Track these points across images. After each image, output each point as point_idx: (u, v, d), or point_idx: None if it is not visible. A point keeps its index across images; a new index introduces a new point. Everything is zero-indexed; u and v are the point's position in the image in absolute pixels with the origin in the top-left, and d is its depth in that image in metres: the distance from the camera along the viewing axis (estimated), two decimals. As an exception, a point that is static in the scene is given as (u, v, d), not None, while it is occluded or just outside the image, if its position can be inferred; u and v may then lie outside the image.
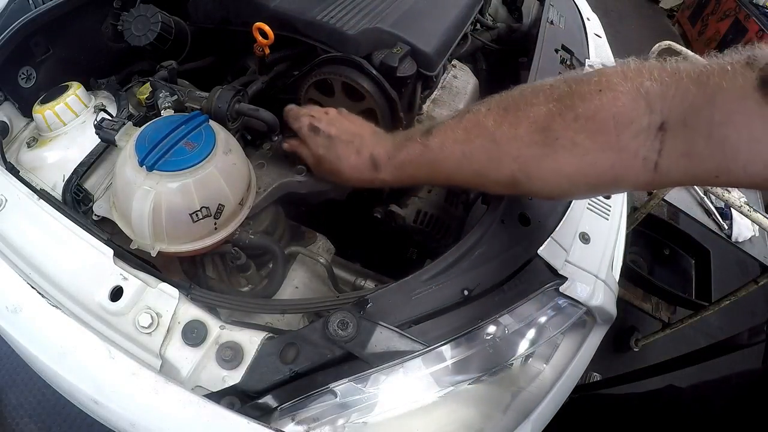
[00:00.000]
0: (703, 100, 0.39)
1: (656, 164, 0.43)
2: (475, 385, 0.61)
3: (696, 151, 0.41)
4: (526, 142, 0.49)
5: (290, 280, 0.76)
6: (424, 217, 0.85)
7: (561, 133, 0.47)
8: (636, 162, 0.44)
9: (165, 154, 0.58)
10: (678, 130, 0.41)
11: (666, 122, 0.42)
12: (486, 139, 0.52)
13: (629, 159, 0.44)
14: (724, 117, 0.38)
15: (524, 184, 0.52)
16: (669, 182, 0.45)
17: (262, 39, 0.76)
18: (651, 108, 0.42)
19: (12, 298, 0.56)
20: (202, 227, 0.61)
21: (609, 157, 0.45)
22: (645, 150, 0.43)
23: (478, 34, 1.16)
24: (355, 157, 0.63)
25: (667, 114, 0.42)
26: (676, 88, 0.41)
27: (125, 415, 0.51)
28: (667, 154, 0.42)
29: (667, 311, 1.80)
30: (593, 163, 0.46)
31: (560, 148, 0.47)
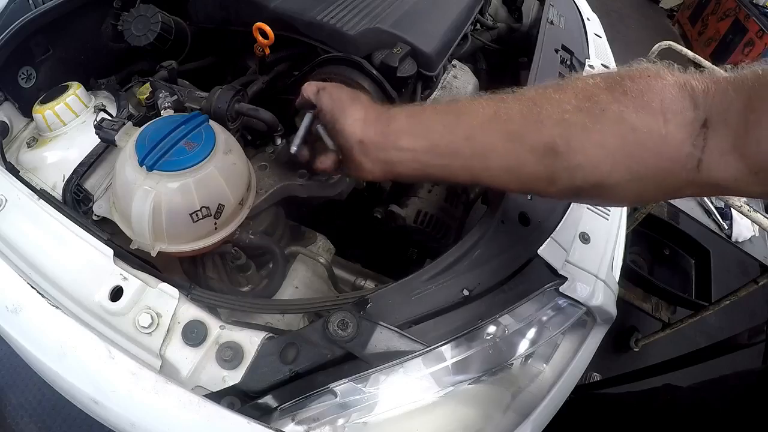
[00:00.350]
0: (740, 102, 0.40)
1: (699, 161, 0.42)
2: (475, 385, 0.61)
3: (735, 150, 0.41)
4: (572, 107, 0.46)
5: (290, 280, 0.76)
6: (424, 218, 0.85)
7: (608, 105, 0.44)
8: (680, 154, 0.42)
9: (165, 154, 0.58)
10: (720, 128, 0.41)
11: (709, 120, 0.42)
12: (525, 103, 0.49)
13: (675, 149, 0.43)
14: (757, 118, 0.39)
15: (563, 156, 0.46)
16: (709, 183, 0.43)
17: (263, 39, 0.76)
18: (695, 104, 0.42)
19: (12, 298, 0.56)
20: (202, 227, 0.61)
21: (655, 142, 0.43)
22: (689, 144, 0.42)
23: (478, 34, 1.16)
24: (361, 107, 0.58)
25: (709, 112, 0.42)
26: (716, 89, 0.42)
27: (125, 415, 0.51)
28: (709, 152, 0.42)
29: (667, 311, 1.80)
30: (640, 143, 0.43)
31: (606, 121, 0.44)
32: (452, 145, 0.52)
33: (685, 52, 1.79)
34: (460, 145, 0.51)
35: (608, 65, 1.11)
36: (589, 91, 0.46)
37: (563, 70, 0.98)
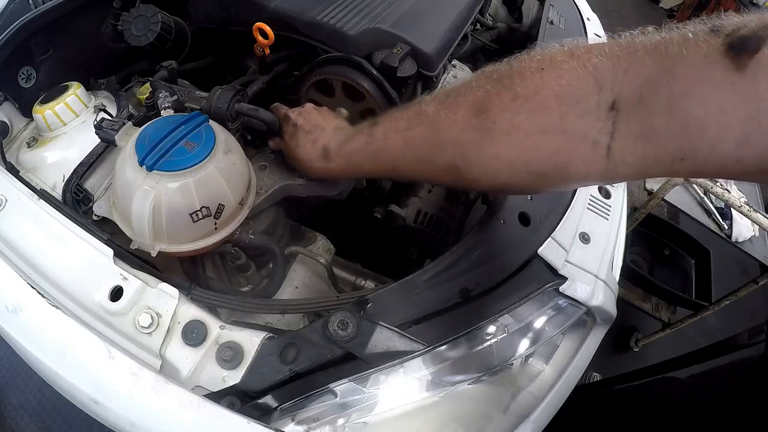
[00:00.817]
0: (661, 73, 0.35)
1: (609, 148, 0.38)
2: (475, 385, 0.61)
3: (654, 131, 0.35)
4: (463, 127, 0.46)
5: (290, 280, 0.76)
6: (424, 217, 0.85)
7: (499, 115, 0.43)
8: (584, 146, 0.39)
9: (165, 154, 0.58)
10: (632, 108, 0.36)
11: (618, 100, 0.37)
12: (426, 126, 0.51)
13: (576, 143, 0.39)
14: (685, 89, 0.33)
15: (465, 172, 0.48)
16: (625, 170, 0.39)
17: (263, 39, 0.76)
18: (600, 85, 0.38)
19: (12, 298, 0.56)
20: (203, 227, 0.61)
21: (552, 141, 0.40)
22: (595, 133, 0.38)
23: (478, 34, 1.16)
24: (311, 146, 0.66)
25: (619, 91, 0.37)
26: (629, 62, 0.37)
27: (125, 415, 0.51)
28: (620, 136, 0.37)
29: (667, 311, 1.80)
30: (535, 147, 0.41)
31: (498, 132, 0.43)
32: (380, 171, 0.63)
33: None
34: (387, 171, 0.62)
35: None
36: (480, 104, 0.45)
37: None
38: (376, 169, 0.62)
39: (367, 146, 0.59)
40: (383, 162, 0.58)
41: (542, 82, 0.41)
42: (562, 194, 0.75)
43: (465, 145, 0.47)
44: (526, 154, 0.43)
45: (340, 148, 0.63)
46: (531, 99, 0.41)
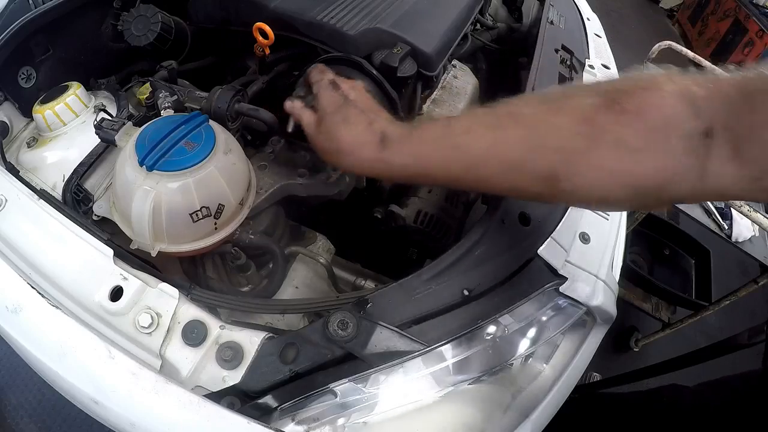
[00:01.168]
0: (745, 105, 0.39)
1: (704, 170, 0.41)
2: (475, 385, 0.61)
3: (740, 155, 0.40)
4: (569, 134, 0.45)
5: (290, 280, 0.76)
6: (424, 218, 0.85)
7: (608, 126, 0.43)
8: (682, 167, 0.42)
9: (165, 154, 0.58)
10: (723, 135, 0.40)
11: (712, 127, 0.40)
12: (523, 128, 0.47)
13: (677, 162, 0.42)
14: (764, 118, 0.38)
15: (563, 181, 0.46)
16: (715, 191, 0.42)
17: (263, 39, 0.76)
18: (697, 113, 0.41)
19: (12, 298, 0.56)
20: (203, 227, 0.61)
21: (656, 159, 0.42)
22: (692, 156, 0.41)
23: (478, 34, 1.16)
24: (364, 127, 0.55)
25: (712, 119, 0.40)
26: (718, 93, 0.41)
27: (125, 415, 0.51)
28: (714, 160, 0.41)
29: (667, 311, 1.80)
30: (639, 162, 0.43)
31: (605, 143, 0.44)
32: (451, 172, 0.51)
33: (685, 52, 1.79)
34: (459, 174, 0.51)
35: (608, 65, 1.11)
36: (587, 113, 0.45)
37: (563, 70, 0.98)
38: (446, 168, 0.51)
39: (443, 138, 0.50)
40: (459, 161, 0.50)
41: (648, 101, 0.42)
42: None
43: (570, 153, 0.45)
44: (631, 168, 0.43)
45: (405, 137, 0.53)
46: (638, 116, 0.42)
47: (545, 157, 0.46)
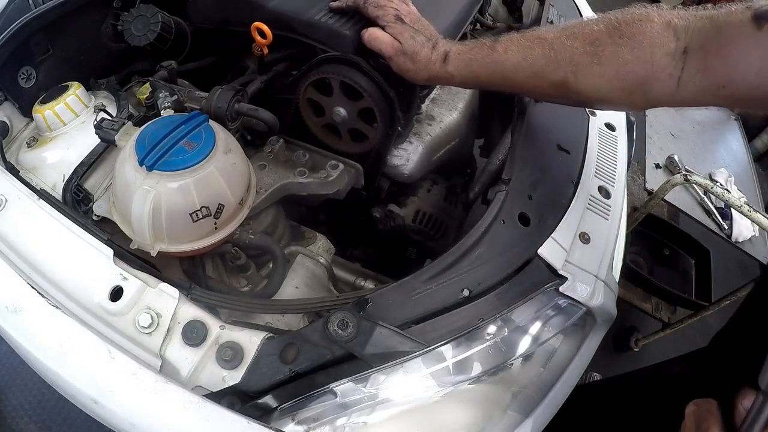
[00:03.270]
0: (714, 31, 0.53)
1: (679, 79, 0.56)
2: (475, 385, 0.61)
3: (708, 67, 0.54)
4: (579, 51, 0.61)
5: (290, 280, 0.76)
6: (423, 217, 0.85)
7: (608, 47, 0.59)
8: (663, 75, 0.57)
9: (165, 154, 0.58)
10: (696, 52, 0.55)
11: (688, 47, 0.55)
12: (546, 47, 0.64)
13: (659, 72, 0.57)
14: (728, 40, 0.52)
15: (572, 85, 0.63)
16: (688, 96, 0.57)
17: (261, 39, 0.76)
18: (677, 36, 0.56)
19: (12, 298, 0.56)
20: (202, 227, 0.61)
21: (643, 68, 0.57)
22: (671, 67, 0.56)
23: (477, 34, 1.15)
24: (430, 49, 0.72)
25: (688, 41, 0.55)
26: (695, 22, 0.55)
27: (125, 415, 0.51)
28: (687, 71, 0.55)
29: (667, 311, 1.80)
30: (631, 71, 0.58)
31: (606, 58, 0.59)
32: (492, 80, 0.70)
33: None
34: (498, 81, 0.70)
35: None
36: (594, 36, 0.61)
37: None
38: (490, 79, 0.70)
39: (488, 57, 0.68)
40: (499, 72, 0.68)
41: (641, 29, 0.58)
42: (562, 194, 0.75)
43: (578, 65, 0.61)
44: (624, 75, 0.59)
45: (461, 54, 0.70)
46: (633, 39, 0.58)
47: (560, 68, 0.63)
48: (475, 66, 0.70)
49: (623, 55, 0.58)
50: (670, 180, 1.45)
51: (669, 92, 0.58)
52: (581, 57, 0.61)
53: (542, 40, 0.65)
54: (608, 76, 0.60)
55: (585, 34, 0.62)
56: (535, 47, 0.65)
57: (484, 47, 0.69)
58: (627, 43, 0.58)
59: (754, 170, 2.03)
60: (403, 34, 0.73)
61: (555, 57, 0.63)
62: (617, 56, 0.59)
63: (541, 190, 0.74)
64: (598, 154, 0.86)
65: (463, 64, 0.71)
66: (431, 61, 0.72)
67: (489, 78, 0.70)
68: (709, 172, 1.86)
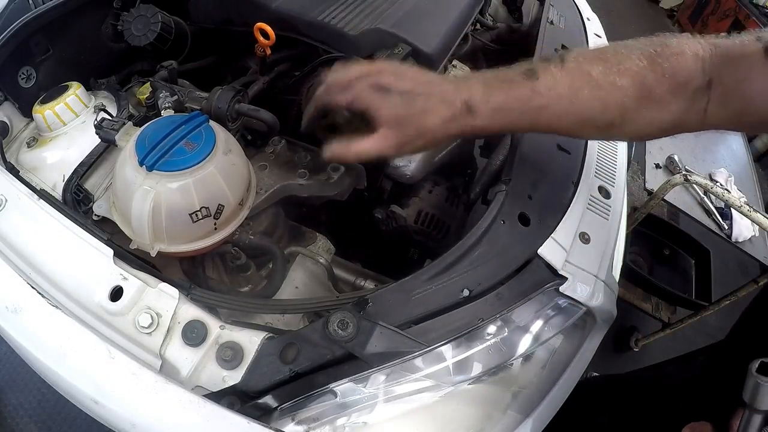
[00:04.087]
0: (731, 64, 0.54)
1: (705, 111, 0.56)
2: (475, 385, 0.61)
3: (728, 99, 0.55)
4: (629, 94, 0.57)
5: (290, 280, 0.76)
6: (425, 218, 0.85)
7: (654, 88, 0.56)
8: (697, 110, 0.57)
9: (165, 154, 0.58)
10: (717, 85, 0.55)
11: (712, 80, 0.55)
12: (594, 88, 0.57)
13: (693, 108, 0.56)
14: (743, 75, 0.53)
15: (618, 128, 0.59)
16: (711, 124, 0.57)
17: (264, 39, 0.76)
18: (704, 70, 0.55)
19: (12, 298, 0.56)
20: (202, 227, 0.61)
21: (682, 107, 0.57)
22: (702, 102, 0.56)
23: (478, 34, 1.16)
24: (446, 108, 0.57)
25: (711, 73, 0.55)
26: (713, 53, 0.55)
27: (125, 415, 0.51)
28: (712, 102, 0.56)
29: (667, 311, 1.80)
30: (674, 111, 0.57)
31: (652, 101, 0.57)
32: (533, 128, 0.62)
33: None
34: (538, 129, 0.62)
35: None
36: (641, 76, 0.57)
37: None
38: (531, 125, 0.60)
39: (531, 101, 0.57)
40: (542, 119, 0.58)
41: (678, 65, 0.56)
42: (562, 194, 0.75)
43: (627, 109, 0.58)
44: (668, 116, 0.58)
45: (490, 101, 0.57)
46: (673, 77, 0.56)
47: (609, 112, 0.58)
48: (513, 116, 0.57)
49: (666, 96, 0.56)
50: (670, 180, 1.45)
51: (697, 123, 0.58)
52: (631, 101, 0.57)
53: (588, 76, 0.57)
54: (653, 117, 0.58)
55: (633, 73, 0.57)
56: (582, 86, 0.57)
57: (523, 89, 0.57)
58: (669, 82, 0.56)
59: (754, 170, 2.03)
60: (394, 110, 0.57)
61: (605, 100, 0.57)
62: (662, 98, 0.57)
63: (541, 190, 0.74)
64: (598, 154, 0.86)
65: (497, 115, 0.57)
66: (448, 119, 0.57)
67: (530, 126, 0.60)
68: (709, 172, 1.86)
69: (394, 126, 0.58)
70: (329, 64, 0.80)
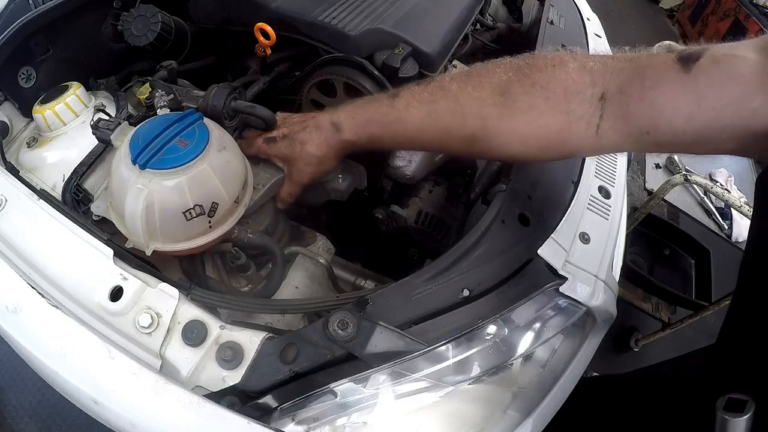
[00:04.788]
0: (635, 73, 0.49)
1: (598, 127, 0.51)
2: (475, 385, 0.61)
3: (630, 113, 0.49)
4: (488, 103, 0.55)
5: (290, 280, 0.76)
6: (425, 218, 0.85)
7: (519, 97, 0.53)
8: (581, 125, 0.52)
9: (157, 153, 0.57)
10: (615, 97, 0.50)
11: (606, 92, 0.51)
12: (450, 101, 0.57)
13: (575, 122, 0.52)
14: (652, 83, 0.48)
15: (482, 142, 0.57)
16: (609, 143, 0.52)
17: (264, 39, 0.76)
18: (594, 82, 0.51)
19: (12, 298, 0.56)
20: (196, 226, 0.61)
21: (559, 120, 0.52)
22: (589, 115, 0.51)
23: (478, 35, 1.16)
24: (317, 132, 0.64)
25: (606, 86, 0.50)
26: (613, 66, 0.51)
27: (125, 416, 0.51)
28: (606, 118, 0.51)
29: (667, 311, 1.80)
30: (545, 125, 0.53)
31: (517, 110, 0.54)
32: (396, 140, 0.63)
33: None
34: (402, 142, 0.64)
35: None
36: (504, 86, 0.55)
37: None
38: (393, 139, 0.63)
39: (387, 115, 0.60)
40: (402, 132, 0.61)
41: (554, 76, 0.53)
42: (562, 194, 0.75)
43: (486, 119, 0.55)
44: (538, 130, 0.53)
45: (354, 117, 0.63)
46: (545, 87, 0.52)
47: (467, 123, 0.57)
48: (374, 128, 0.62)
49: (537, 105, 0.53)
50: (670, 180, 1.45)
51: (588, 143, 0.52)
52: (490, 109, 0.55)
53: (446, 91, 0.58)
54: (521, 131, 0.54)
55: (493, 85, 0.55)
56: (438, 100, 0.58)
57: (382, 105, 0.61)
58: (540, 93, 0.52)
59: (754, 170, 2.03)
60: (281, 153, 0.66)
61: (461, 111, 0.56)
62: (530, 107, 0.53)
63: (541, 190, 0.74)
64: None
65: (359, 127, 0.62)
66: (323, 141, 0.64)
67: (392, 138, 0.62)
68: (709, 172, 1.86)
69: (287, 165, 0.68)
70: (329, 64, 0.80)
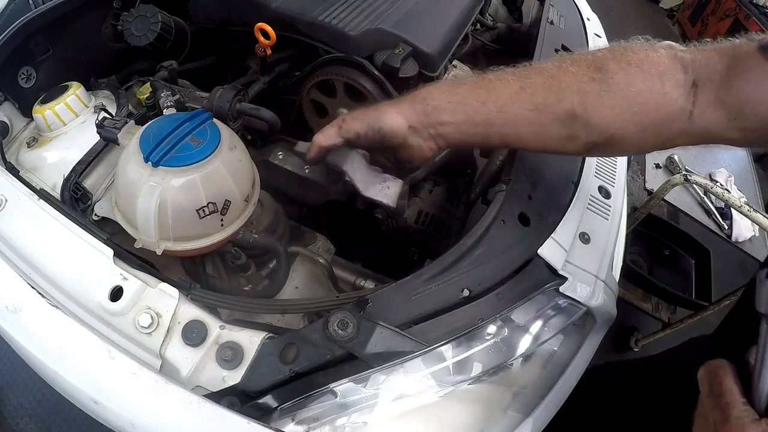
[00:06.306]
0: (722, 63, 0.51)
1: (691, 113, 0.53)
2: (475, 385, 0.61)
3: (719, 100, 0.51)
4: (584, 79, 0.55)
5: (290, 280, 0.76)
6: (425, 218, 0.85)
7: (617, 74, 0.54)
8: (676, 108, 0.53)
9: (171, 150, 0.57)
10: (706, 86, 0.52)
11: (697, 80, 0.52)
12: (545, 76, 0.57)
13: (671, 105, 0.53)
14: (738, 73, 0.50)
15: (581, 119, 0.55)
16: (698, 131, 0.53)
17: (264, 39, 0.76)
18: (685, 68, 0.53)
19: (12, 298, 0.56)
20: (209, 224, 0.61)
21: (656, 100, 0.53)
22: (683, 101, 0.52)
23: (478, 35, 1.16)
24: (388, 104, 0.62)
25: (697, 74, 0.52)
26: (701, 55, 0.53)
27: (125, 415, 0.51)
28: (699, 105, 0.52)
29: (667, 311, 1.80)
30: (644, 103, 0.53)
31: (615, 86, 0.54)
32: (486, 117, 0.59)
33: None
34: (493, 117, 0.58)
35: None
36: (600, 63, 0.55)
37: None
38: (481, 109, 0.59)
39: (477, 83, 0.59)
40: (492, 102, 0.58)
41: (648, 57, 0.54)
42: (562, 194, 0.75)
43: (586, 94, 0.54)
44: (637, 107, 0.53)
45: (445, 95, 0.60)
46: (641, 66, 0.53)
47: (566, 98, 0.55)
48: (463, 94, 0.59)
49: (634, 84, 0.53)
50: (670, 180, 1.45)
51: (680, 128, 0.53)
52: (589, 85, 0.54)
53: (539, 69, 0.58)
54: (620, 106, 0.54)
55: (589, 60, 0.56)
56: (532, 75, 0.57)
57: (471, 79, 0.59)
58: (637, 71, 0.53)
59: (754, 170, 2.03)
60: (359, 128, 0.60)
61: (558, 85, 0.55)
62: (628, 85, 0.53)
63: (541, 190, 0.74)
64: (598, 155, 0.86)
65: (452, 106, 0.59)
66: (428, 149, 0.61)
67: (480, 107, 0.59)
68: (709, 172, 1.86)
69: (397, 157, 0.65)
70: (330, 64, 0.80)
